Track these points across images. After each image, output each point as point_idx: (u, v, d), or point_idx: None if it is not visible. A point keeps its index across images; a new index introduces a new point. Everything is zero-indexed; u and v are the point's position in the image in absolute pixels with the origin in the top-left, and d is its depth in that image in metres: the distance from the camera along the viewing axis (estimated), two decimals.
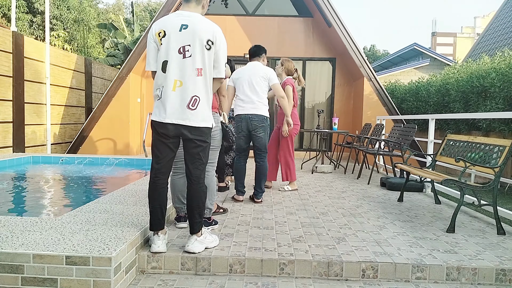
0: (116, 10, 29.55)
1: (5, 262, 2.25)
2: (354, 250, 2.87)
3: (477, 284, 2.64)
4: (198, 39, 2.54)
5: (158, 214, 2.68)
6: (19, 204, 4.20)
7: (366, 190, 5.37)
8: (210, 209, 3.26)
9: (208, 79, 2.61)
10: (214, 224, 3.33)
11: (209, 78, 2.62)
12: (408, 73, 17.77)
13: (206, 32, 2.56)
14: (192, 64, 2.55)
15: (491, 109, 7.12)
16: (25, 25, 15.85)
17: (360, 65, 9.00)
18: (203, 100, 2.59)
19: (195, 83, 2.56)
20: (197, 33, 2.54)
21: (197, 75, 2.56)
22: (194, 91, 2.56)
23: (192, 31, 2.54)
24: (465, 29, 39.52)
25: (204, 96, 2.60)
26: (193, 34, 2.54)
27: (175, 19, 2.58)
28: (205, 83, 2.60)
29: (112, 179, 5.86)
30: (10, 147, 7.58)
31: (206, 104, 2.62)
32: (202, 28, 2.55)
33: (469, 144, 4.09)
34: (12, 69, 7.58)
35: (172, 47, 2.55)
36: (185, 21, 2.57)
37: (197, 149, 2.64)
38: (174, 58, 2.55)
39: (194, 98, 2.56)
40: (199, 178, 2.69)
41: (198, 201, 2.69)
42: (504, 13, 15.96)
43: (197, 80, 2.56)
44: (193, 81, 2.56)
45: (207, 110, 2.64)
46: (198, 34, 2.54)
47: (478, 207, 3.59)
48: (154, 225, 2.69)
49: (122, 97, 9.15)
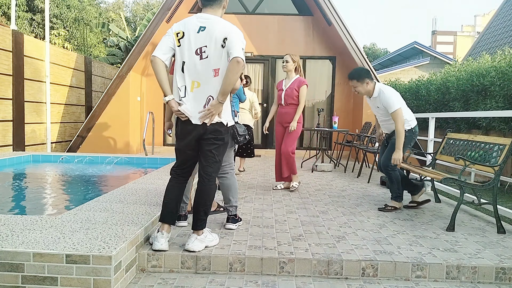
0: (116, 9, 29.53)
1: (5, 261, 2.25)
2: (354, 248, 2.87)
3: (477, 282, 2.64)
4: (214, 39, 2.57)
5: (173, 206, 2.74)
6: (19, 203, 4.21)
7: (366, 189, 5.37)
8: (236, 207, 3.33)
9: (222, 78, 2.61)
10: (240, 221, 3.42)
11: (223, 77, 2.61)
12: (408, 71, 17.76)
13: (222, 32, 2.58)
14: (208, 65, 2.60)
15: (491, 107, 7.12)
16: (25, 23, 15.84)
17: (360, 63, 8.99)
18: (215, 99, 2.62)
19: (212, 84, 2.61)
20: (213, 34, 2.58)
21: (214, 76, 2.60)
22: (210, 91, 2.61)
23: (209, 32, 2.59)
24: (466, 27, 39.47)
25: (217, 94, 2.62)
26: (209, 36, 2.58)
27: (195, 21, 2.63)
28: (220, 83, 2.61)
29: (112, 178, 5.87)
30: (10, 145, 7.58)
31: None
32: (218, 29, 2.58)
33: (469, 142, 4.09)
34: (12, 67, 7.58)
35: (190, 48, 2.61)
36: (203, 23, 2.62)
37: (211, 146, 2.68)
38: (192, 59, 2.61)
39: (209, 98, 2.62)
40: (210, 176, 2.72)
41: (205, 198, 2.72)
42: (504, 12, 15.94)
43: (214, 81, 2.61)
44: (210, 82, 2.61)
45: (223, 109, 2.65)
46: (214, 35, 2.57)
47: (478, 205, 3.60)
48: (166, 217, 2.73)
49: (122, 95, 9.15)
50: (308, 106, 10.17)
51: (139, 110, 9.94)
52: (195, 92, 2.62)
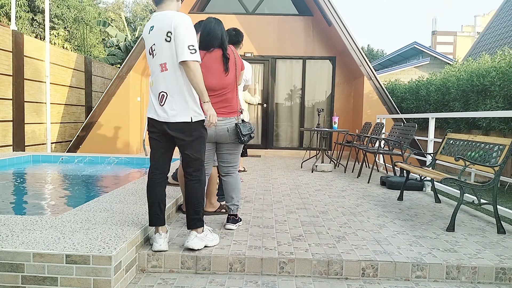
0: (116, 9, 29.53)
1: (5, 261, 2.25)
2: (354, 248, 2.87)
3: (477, 282, 2.64)
4: (160, 35, 2.56)
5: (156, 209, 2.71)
6: (19, 203, 4.21)
7: (366, 189, 5.37)
8: (237, 207, 3.33)
9: (174, 72, 2.56)
10: (240, 221, 3.41)
11: (175, 69, 2.56)
12: (408, 72, 17.76)
13: (166, 25, 2.53)
14: (156, 61, 2.60)
15: (491, 108, 7.12)
16: (26, 23, 15.85)
17: (360, 63, 8.99)
18: (170, 95, 2.57)
19: (161, 80, 2.59)
20: (159, 30, 2.56)
21: (161, 71, 2.58)
22: (161, 87, 2.59)
23: (156, 29, 2.58)
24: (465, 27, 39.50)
25: (173, 90, 2.57)
26: (157, 32, 2.58)
27: (148, 23, 2.68)
28: (172, 77, 2.57)
29: (112, 178, 5.86)
30: (10, 146, 7.58)
31: (176, 98, 2.57)
32: (163, 24, 2.55)
33: (469, 143, 4.09)
34: (12, 67, 7.58)
35: (146, 50, 2.68)
36: (152, 22, 2.63)
37: (180, 144, 2.66)
38: (149, 60, 2.67)
39: (161, 94, 2.59)
40: (191, 175, 2.69)
41: (192, 197, 2.70)
42: (504, 12, 15.94)
43: (162, 76, 2.58)
44: (159, 78, 2.59)
45: (178, 104, 2.57)
46: (160, 30, 2.56)
47: (478, 206, 3.60)
48: (153, 220, 2.71)
49: (122, 96, 9.15)
50: (308, 106, 10.17)
51: (139, 110, 9.94)
52: (152, 89, 2.65)
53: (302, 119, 10.12)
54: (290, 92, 10.16)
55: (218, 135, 3.14)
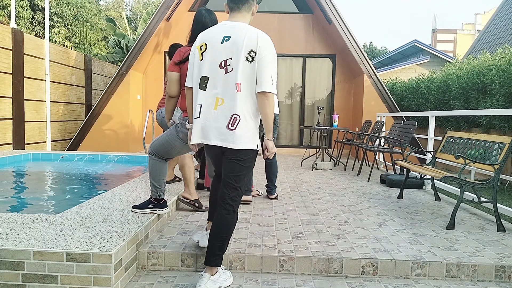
0: (116, 7, 29.49)
1: (5, 259, 2.25)
2: (354, 247, 2.87)
3: (476, 280, 2.64)
4: (238, 51, 2.27)
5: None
6: (20, 201, 4.21)
7: (366, 187, 5.37)
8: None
9: (247, 95, 2.29)
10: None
11: (251, 93, 2.29)
12: (408, 70, 17.75)
13: (249, 42, 2.27)
14: (232, 79, 2.28)
15: (492, 106, 7.12)
16: (26, 22, 15.83)
17: (360, 61, 8.99)
18: (243, 119, 2.28)
19: (236, 100, 2.27)
20: (239, 44, 2.27)
21: (237, 91, 2.27)
22: (235, 109, 2.28)
23: (234, 42, 2.29)
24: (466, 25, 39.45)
25: (247, 114, 2.30)
26: (234, 46, 2.28)
27: (218, 30, 2.35)
28: (245, 100, 2.29)
29: (112, 176, 5.87)
30: (10, 144, 7.58)
31: (245, 123, 2.30)
32: (244, 38, 2.27)
33: (469, 141, 4.09)
34: (12, 66, 7.57)
35: (214, 61, 2.32)
36: (228, 32, 2.33)
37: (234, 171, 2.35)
38: (216, 74, 2.32)
39: (234, 117, 2.28)
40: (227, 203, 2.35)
41: (220, 230, 2.33)
42: (504, 10, 15.92)
43: (237, 96, 2.27)
44: (234, 98, 2.28)
45: (248, 130, 2.31)
46: (240, 45, 2.27)
47: (478, 204, 3.60)
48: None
49: (122, 94, 9.15)
50: (308, 104, 10.16)
51: (139, 108, 9.93)
52: (220, 109, 2.30)
53: (302, 117, 10.12)
54: (290, 90, 10.16)
55: None
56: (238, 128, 2.28)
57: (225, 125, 2.29)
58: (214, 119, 2.31)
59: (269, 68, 2.27)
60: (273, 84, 2.29)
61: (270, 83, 2.27)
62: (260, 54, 2.26)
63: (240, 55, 2.27)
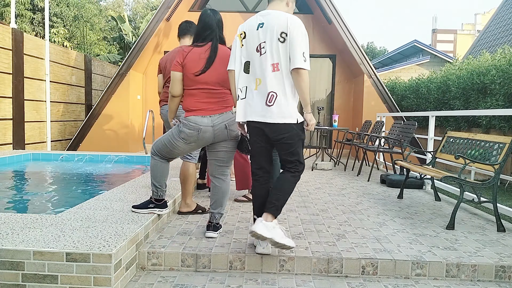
0: (116, 7, 29.50)
1: (5, 259, 2.25)
2: (354, 247, 2.87)
3: (476, 280, 2.64)
4: (271, 34, 2.53)
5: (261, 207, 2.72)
6: (20, 201, 4.21)
7: (366, 187, 5.37)
8: (222, 214, 3.13)
9: (285, 73, 2.55)
10: (220, 228, 3.14)
11: (286, 72, 2.55)
12: (408, 70, 17.76)
13: (279, 25, 2.51)
14: (267, 60, 2.55)
15: (491, 106, 7.12)
16: (26, 22, 15.84)
17: (360, 62, 8.99)
18: (280, 95, 2.55)
19: (271, 79, 2.55)
20: (271, 28, 2.53)
21: (272, 71, 2.55)
22: (270, 87, 2.55)
23: (267, 27, 2.55)
24: (466, 26, 39.46)
25: (281, 91, 2.55)
26: (268, 30, 2.54)
27: (254, 19, 2.64)
28: (282, 78, 2.55)
29: (112, 176, 5.87)
30: (10, 144, 7.58)
31: (284, 99, 2.55)
32: (276, 22, 2.52)
33: (469, 141, 4.09)
34: (12, 66, 7.57)
35: (251, 46, 2.61)
36: (262, 19, 2.59)
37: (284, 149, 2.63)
38: (254, 57, 2.61)
39: (271, 94, 2.55)
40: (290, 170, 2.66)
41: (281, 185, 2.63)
42: (504, 10, 15.92)
43: (273, 76, 2.55)
44: (269, 78, 2.55)
45: (287, 105, 2.55)
46: (272, 29, 2.52)
47: (478, 204, 3.60)
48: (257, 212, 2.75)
49: (122, 94, 9.15)
50: None
51: (139, 108, 9.93)
52: (259, 89, 2.60)
53: None
54: None
55: (216, 135, 2.90)
56: (276, 104, 2.54)
57: (264, 102, 2.56)
58: (254, 98, 2.61)
59: (300, 46, 2.48)
60: (306, 61, 2.50)
61: (302, 60, 2.48)
62: (291, 34, 2.48)
63: (273, 37, 2.52)
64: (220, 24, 2.99)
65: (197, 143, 2.93)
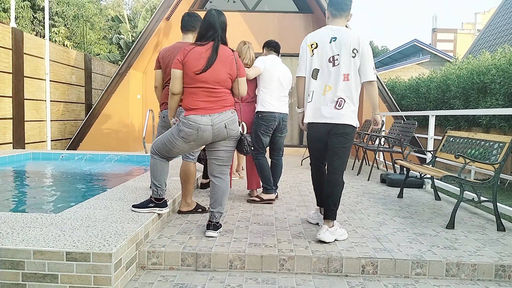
0: (116, 6, 29.49)
1: (5, 258, 2.26)
2: (354, 246, 2.88)
3: (476, 280, 2.65)
4: (345, 49, 2.95)
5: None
6: (20, 201, 4.21)
7: (366, 187, 5.37)
8: (222, 213, 3.11)
9: (353, 83, 2.97)
10: (220, 227, 3.13)
11: (354, 81, 2.98)
12: (409, 69, 17.75)
13: (352, 42, 2.95)
14: (339, 71, 2.97)
15: (491, 105, 7.12)
16: (27, 21, 15.83)
17: None
18: (348, 101, 2.97)
19: (341, 87, 2.97)
20: (344, 44, 2.95)
21: (343, 80, 2.97)
22: (340, 94, 2.97)
23: (340, 42, 2.96)
24: (466, 25, 39.45)
25: (349, 98, 2.97)
26: (341, 45, 2.96)
27: (325, 32, 3.03)
28: (350, 87, 2.97)
29: (112, 176, 5.87)
30: (10, 143, 7.58)
31: (352, 105, 2.98)
32: (348, 39, 2.95)
33: (469, 140, 4.09)
34: (12, 65, 7.57)
35: (323, 57, 3.00)
36: (334, 34, 3.00)
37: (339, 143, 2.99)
38: (325, 67, 3.00)
39: (340, 100, 2.97)
40: (336, 169, 2.99)
41: (333, 190, 2.96)
42: (505, 9, 15.91)
43: (343, 85, 2.97)
44: (340, 86, 2.97)
45: (352, 111, 2.98)
46: (345, 45, 2.95)
47: (478, 203, 3.60)
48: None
49: (122, 93, 9.14)
50: None
51: (139, 107, 9.93)
52: (327, 94, 3.00)
53: None
54: (290, 89, 10.15)
55: (215, 134, 2.89)
56: (344, 108, 2.97)
57: (333, 106, 2.98)
58: (323, 102, 3.00)
59: (370, 62, 2.99)
60: (375, 73, 3.06)
61: (373, 73, 3.02)
62: (362, 50, 2.96)
63: (346, 52, 2.95)
64: (224, 25, 2.99)
65: (197, 142, 2.93)
